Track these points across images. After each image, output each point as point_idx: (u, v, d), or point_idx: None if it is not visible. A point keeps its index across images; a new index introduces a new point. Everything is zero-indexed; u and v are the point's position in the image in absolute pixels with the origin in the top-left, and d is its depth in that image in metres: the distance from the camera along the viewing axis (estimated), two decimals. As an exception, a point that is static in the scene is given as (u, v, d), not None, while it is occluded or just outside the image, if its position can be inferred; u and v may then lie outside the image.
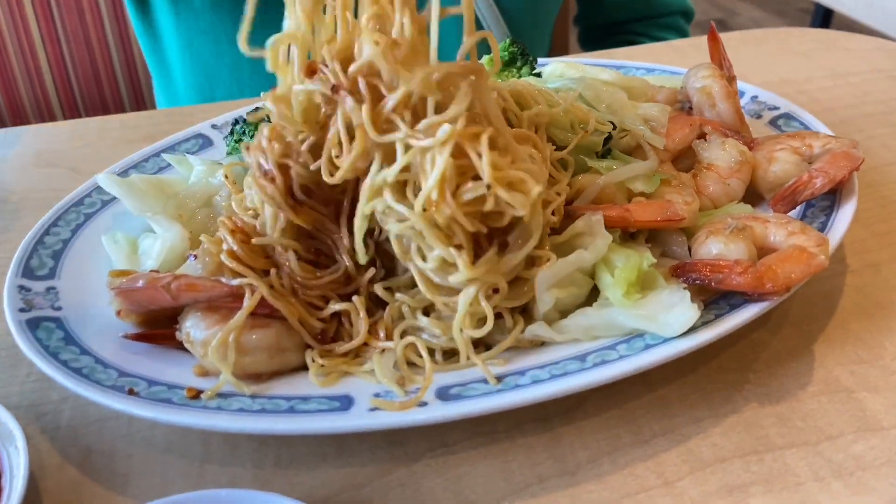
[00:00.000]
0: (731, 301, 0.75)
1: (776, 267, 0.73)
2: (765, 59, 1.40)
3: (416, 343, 0.73)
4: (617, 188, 0.83)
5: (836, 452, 0.70)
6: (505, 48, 1.03)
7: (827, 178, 0.85)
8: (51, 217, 0.91)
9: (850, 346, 0.81)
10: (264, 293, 0.71)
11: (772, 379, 0.77)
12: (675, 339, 0.71)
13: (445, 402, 0.68)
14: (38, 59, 1.78)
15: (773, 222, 0.79)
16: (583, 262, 0.75)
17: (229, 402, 0.69)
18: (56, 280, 0.84)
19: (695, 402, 0.75)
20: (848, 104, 1.25)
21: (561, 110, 0.85)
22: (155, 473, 0.71)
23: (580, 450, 0.71)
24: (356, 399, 0.69)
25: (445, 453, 0.72)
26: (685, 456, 0.70)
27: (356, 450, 0.72)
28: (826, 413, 0.73)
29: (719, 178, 0.89)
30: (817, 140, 0.92)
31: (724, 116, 0.97)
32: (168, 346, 0.76)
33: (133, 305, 0.75)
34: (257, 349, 0.72)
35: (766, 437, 0.72)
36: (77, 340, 0.76)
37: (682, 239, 0.82)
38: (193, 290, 0.73)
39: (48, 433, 0.75)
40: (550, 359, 0.72)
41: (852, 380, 0.77)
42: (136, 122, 1.31)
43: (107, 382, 0.70)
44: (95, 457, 0.73)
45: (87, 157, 1.21)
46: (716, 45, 1.04)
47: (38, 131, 1.30)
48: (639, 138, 0.90)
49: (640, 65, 1.19)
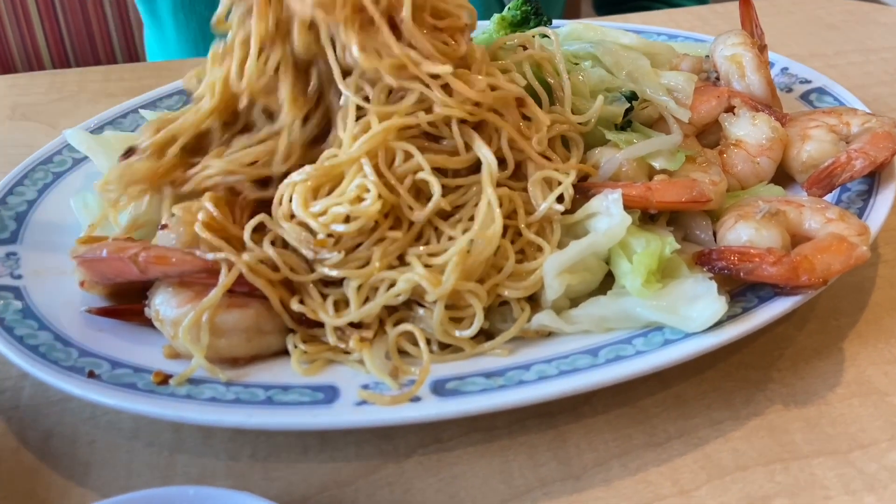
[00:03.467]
0: (760, 293, 0.69)
1: (813, 257, 0.67)
2: (793, 31, 1.34)
3: (413, 331, 0.66)
4: (637, 164, 0.76)
5: (869, 462, 0.65)
6: (517, 7, 0.95)
7: (868, 159, 0.78)
8: (15, 175, 0.86)
9: (884, 343, 0.76)
10: (242, 270, 0.65)
11: (797, 378, 0.72)
12: (698, 334, 0.65)
13: (441, 398, 0.62)
14: (28, 8, 1.71)
15: (808, 207, 0.73)
16: (597, 245, 0.69)
17: (200, 390, 0.63)
18: (18, 245, 0.78)
19: (713, 402, 0.70)
20: (880, 80, 1.19)
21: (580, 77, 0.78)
22: (119, 463, 0.66)
23: (587, 451, 0.67)
24: (342, 390, 0.64)
25: (439, 450, 0.67)
26: (703, 462, 0.65)
27: (341, 443, 0.67)
28: (858, 418, 0.69)
29: (748, 155, 0.82)
30: (855, 117, 0.86)
31: (754, 89, 0.90)
32: (136, 322, 0.70)
33: (97, 277, 0.69)
34: (234, 331, 0.66)
35: (792, 444, 0.67)
36: (36, 313, 0.70)
37: (707, 222, 0.76)
38: (164, 263, 0.67)
39: (5, 413, 0.70)
40: (558, 351, 0.66)
41: (886, 381, 0.72)
42: (120, 74, 1.25)
43: (65, 363, 0.65)
44: (55, 441, 0.68)
45: (65, 112, 1.16)
46: (748, 10, 0.97)
47: (15, 82, 1.24)
48: (662, 110, 0.83)
49: (661, 30, 1.13)
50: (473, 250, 0.68)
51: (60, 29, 1.74)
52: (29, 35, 1.74)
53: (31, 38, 1.74)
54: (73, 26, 1.74)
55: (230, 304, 0.67)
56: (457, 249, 0.67)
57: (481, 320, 0.67)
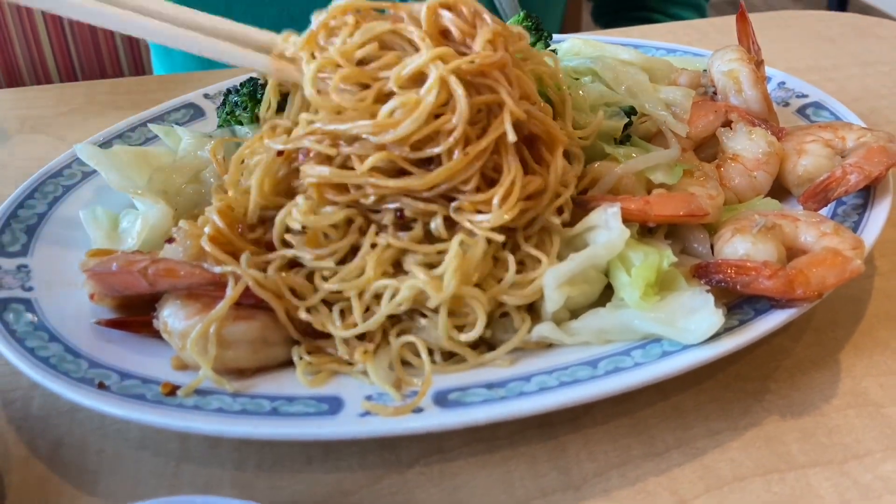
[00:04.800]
0: (756, 306, 0.70)
1: (808, 271, 0.68)
2: (790, 44, 1.34)
3: (416, 342, 0.67)
4: (636, 178, 0.78)
5: (864, 473, 0.66)
6: (518, 22, 0.96)
7: (862, 174, 0.79)
8: (26, 189, 0.86)
9: (879, 355, 0.76)
10: (249, 283, 0.66)
11: (794, 389, 0.73)
12: (696, 346, 0.66)
13: (443, 409, 0.63)
14: (35, 21, 1.72)
15: (803, 221, 0.74)
16: (596, 258, 0.70)
17: (207, 401, 0.64)
18: (29, 258, 0.78)
19: (712, 413, 0.71)
20: (878, 94, 1.19)
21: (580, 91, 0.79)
22: (127, 471, 0.67)
23: (587, 461, 0.67)
24: (346, 401, 0.64)
25: (441, 460, 0.67)
26: (701, 472, 0.66)
27: (344, 453, 0.68)
28: (853, 429, 0.69)
29: (745, 169, 0.83)
30: (851, 132, 0.87)
31: (751, 103, 0.91)
32: (145, 334, 0.71)
33: (107, 289, 0.70)
34: (240, 342, 0.67)
35: (789, 454, 0.67)
36: (47, 325, 0.71)
37: (704, 236, 0.77)
38: (172, 276, 0.68)
39: (16, 423, 0.71)
40: (559, 363, 0.67)
41: (881, 393, 0.72)
42: (127, 87, 1.26)
43: (75, 374, 0.65)
44: (65, 450, 0.69)
45: (73, 125, 1.16)
46: (745, 26, 0.98)
47: (23, 95, 1.25)
48: (660, 124, 0.84)
49: (660, 44, 1.13)
50: (468, 251, 0.69)
51: (67, 41, 1.75)
52: (36, 48, 1.75)
53: (39, 50, 1.75)
54: (79, 39, 1.75)
55: (237, 316, 0.67)
56: (453, 253, 0.68)
57: (484, 322, 0.68)
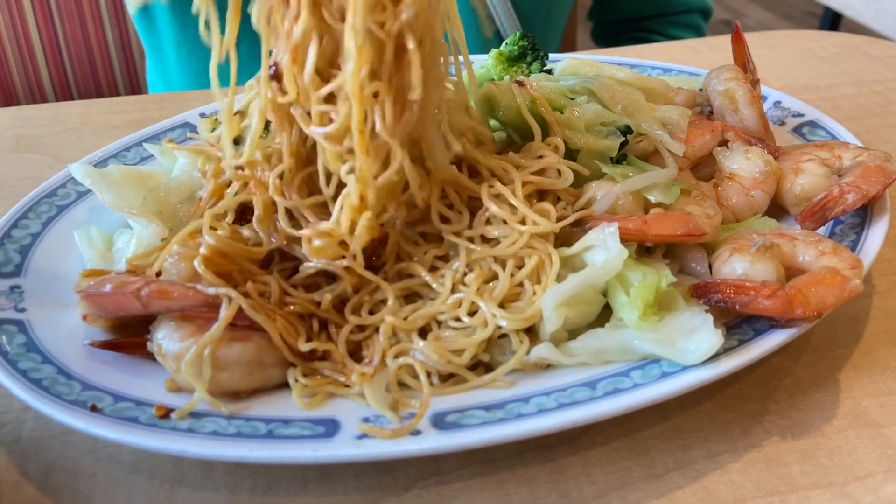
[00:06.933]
0: (756, 325, 0.70)
1: (807, 291, 0.67)
2: (785, 63, 1.34)
3: (413, 364, 0.66)
4: (633, 198, 0.77)
5: (865, 495, 0.65)
6: (514, 42, 0.97)
7: (860, 193, 0.79)
8: (20, 208, 0.85)
9: (879, 375, 0.75)
10: (243, 305, 0.65)
11: (794, 410, 0.72)
12: (695, 367, 0.65)
13: (441, 432, 0.62)
14: (30, 38, 1.72)
15: (802, 240, 0.74)
16: (595, 278, 0.70)
17: (202, 424, 0.63)
18: (22, 278, 0.78)
19: (711, 434, 0.70)
20: (872, 113, 1.19)
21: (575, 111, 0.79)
22: (120, 495, 0.66)
23: (586, 484, 0.66)
24: (343, 424, 0.64)
25: (439, 483, 0.66)
26: (701, 494, 0.65)
27: (340, 476, 0.67)
28: (854, 450, 0.69)
29: (742, 189, 0.83)
30: (847, 151, 0.87)
31: (747, 123, 0.91)
32: (139, 355, 0.70)
33: (100, 311, 0.69)
34: (235, 364, 0.66)
35: (789, 476, 0.67)
36: (40, 347, 0.70)
37: (702, 255, 0.77)
38: (166, 297, 0.67)
39: (7, 445, 0.70)
40: (557, 384, 0.66)
41: (882, 413, 0.72)
42: (123, 107, 1.25)
43: (68, 396, 0.64)
44: (57, 474, 0.68)
45: (69, 144, 1.16)
46: (740, 45, 0.98)
47: (19, 114, 1.24)
48: (657, 143, 0.84)
49: (656, 64, 1.13)
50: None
51: (63, 59, 1.75)
52: (32, 65, 1.75)
53: (34, 68, 1.75)
54: (75, 57, 1.75)
55: (231, 337, 0.67)
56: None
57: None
